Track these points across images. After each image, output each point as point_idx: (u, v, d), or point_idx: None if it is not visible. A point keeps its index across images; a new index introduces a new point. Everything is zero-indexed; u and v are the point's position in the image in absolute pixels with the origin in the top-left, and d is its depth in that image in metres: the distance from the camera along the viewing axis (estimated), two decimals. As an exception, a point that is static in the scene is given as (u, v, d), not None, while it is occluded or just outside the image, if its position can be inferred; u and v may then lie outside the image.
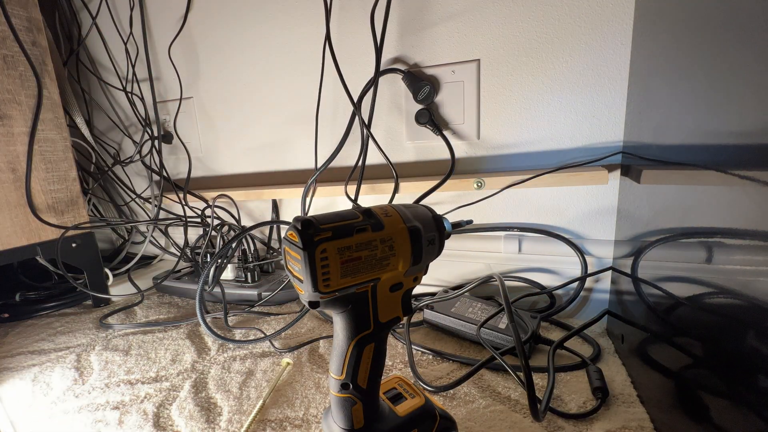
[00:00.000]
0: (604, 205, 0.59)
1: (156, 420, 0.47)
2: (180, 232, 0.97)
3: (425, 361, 0.54)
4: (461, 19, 0.60)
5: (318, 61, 0.70)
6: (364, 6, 0.65)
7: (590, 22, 0.54)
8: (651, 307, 0.41)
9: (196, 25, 0.81)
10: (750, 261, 0.24)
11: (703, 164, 0.29)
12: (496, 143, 0.63)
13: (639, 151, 0.47)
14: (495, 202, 0.65)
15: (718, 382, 0.28)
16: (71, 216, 0.79)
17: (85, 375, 0.58)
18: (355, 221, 0.29)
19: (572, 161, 0.59)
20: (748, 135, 0.24)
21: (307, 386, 0.51)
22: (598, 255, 0.60)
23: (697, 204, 0.31)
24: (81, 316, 0.79)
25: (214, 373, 0.56)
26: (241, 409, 0.47)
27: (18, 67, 0.69)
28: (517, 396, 0.46)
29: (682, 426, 0.33)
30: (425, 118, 0.63)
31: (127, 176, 1.00)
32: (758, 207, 0.22)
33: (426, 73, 0.64)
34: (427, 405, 0.37)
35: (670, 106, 0.36)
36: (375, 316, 0.32)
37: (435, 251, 0.33)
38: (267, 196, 0.78)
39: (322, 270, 0.28)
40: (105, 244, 1.13)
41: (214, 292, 0.75)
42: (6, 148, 0.68)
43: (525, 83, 0.59)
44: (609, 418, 0.41)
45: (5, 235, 0.69)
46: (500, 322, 0.55)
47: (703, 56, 0.30)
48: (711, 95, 0.29)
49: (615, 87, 0.54)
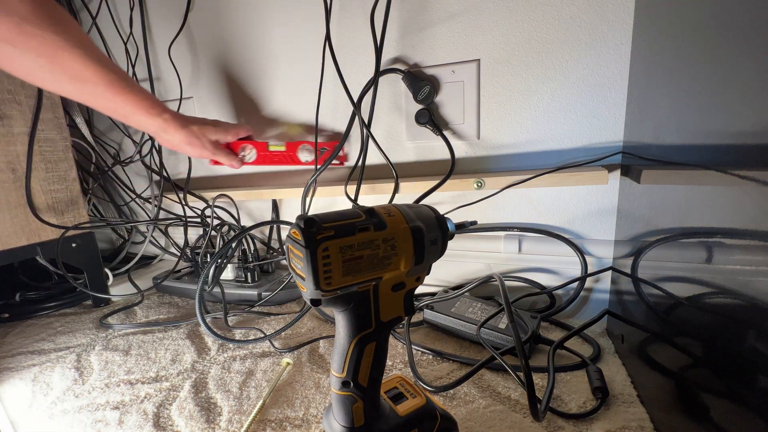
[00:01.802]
0: (604, 205, 0.59)
1: (156, 420, 0.47)
2: (180, 232, 0.97)
3: (425, 361, 0.54)
4: (461, 19, 0.61)
5: (318, 61, 0.70)
6: (364, 6, 0.65)
7: (590, 22, 0.54)
8: (651, 307, 0.41)
9: (196, 25, 0.81)
10: (750, 261, 0.24)
11: (703, 164, 0.29)
12: (496, 143, 0.63)
13: (639, 151, 0.47)
14: (495, 202, 0.65)
15: (718, 382, 0.28)
16: (71, 216, 0.79)
17: (85, 375, 0.58)
18: (357, 220, 0.30)
19: (572, 161, 0.59)
20: (748, 135, 0.24)
21: (307, 386, 0.51)
22: (598, 255, 0.60)
23: (697, 204, 0.31)
24: (81, 316, 0.79)
25: (214, 373, 0.56)
26: (241, 409, 0.48)
27: (18, 66, 0.69)
28: (517, 396, 0.46)
29: (682, 426, 0.33)
30: (425, 118, 0.63)
31: (127, 176, 1.00)
32: (758, 207, 0.23)
33: (426, 73, 0.65)
34: (428, 405, 0.37)
35: (670, 105, 0.37)
36: (376, 315, 0.32)
37: (438, 252, 0.33)
38: (267, 196, 0.78)
39: (324, 268, 0.28)
40: (105, 244, 1.13)
41: (214, 292, 0.75)
42: (6, 148, 0.68)
43: (525, 83, 0.59)
44: (609, 418, 0.41)
45: (5, 235, 0.69)
46: (500, 322, 0.55)
47: (703, 56, 0.30)
48: (711, 95, 0.29)
49: (615, 87, 0.55)
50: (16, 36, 0.45)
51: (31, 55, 0.47)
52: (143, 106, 0.57)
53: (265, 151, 0.73)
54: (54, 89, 0.52)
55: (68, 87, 0.51)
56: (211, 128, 0.65)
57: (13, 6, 0.44)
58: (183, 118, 0.62)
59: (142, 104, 0.56)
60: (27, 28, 0.45)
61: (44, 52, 0.47)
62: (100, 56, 0.52)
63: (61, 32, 0.47)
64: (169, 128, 0.60)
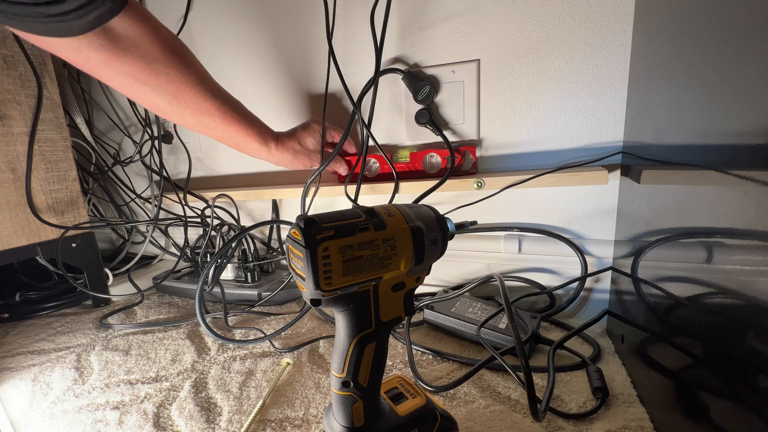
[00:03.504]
0: (604, 205, 0.59)
1: (156, 420, 0.47)
2: (180, 232, 0.97)
3: (425, 361, 0.54)
4: (461, 19, 0.61)
5: (317, 61, 0.70)
6: (364, 6, 0.65)
7: (590, 22, 0.54)
8: (651, 307, 0.41)
9: (196, 25, 0.81)
10: (750, 261, 0.24)
11: (703, 164, 0.29)
12: (496, 143, 0.63)
13: (639, 151, 0.47)
14: (495, 202, 0.65)
15: (718, 382, 0.28)
16: (71, 216, 0.79)
17: (85, 375, 0.58)
18: (357, 220, 0.30)
19: (572, 161, 0.59)
20: (748, 135, 0.24)
21: (307, 386, 0.51)
22: (598, 255, 0.60)
23: (697, 204, 0.31)
24: (81, 316, 0.79)
25: (214, 373, 0.56)
26: (241, 409, 0.47)
27: (18, 67, 0.69)
28: (517, 396, 0.46)
29: (682, 426, 0.33)
30: (425, 118, 0.63)
31: (127, 176, 1.00)
32: (758, 207, 0.23)
33: (426, 73, 0.65)
34: (428, 405, 0.37)
35: (670, 105, 0.36)
36: (376, 315, 0.32)
37: (438, 252, 0.33)
38: (267, 196, 0.78)
39: (324, 268, 0.28)
40: (105, 244, 1.13)
41: (214, 292, 0.75)
42: (6, 148, 0.68)
43: (525, 83, 0.59)
44: (609, 418, 0.41)
45: (5, 235, 0.69)
46: (500, 322, 0.55)
47: (703, 56, 0.30)
48: (711, 95, 0.29)
49: (615, 87, 0.55)
50: (147, 75, 0.49)
51: (161, 91, 0.51)
52: (253, 134, 0.60)
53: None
54: (178, 121, 0.57)
55: (190, 119, 0.56)
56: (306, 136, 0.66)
57: (144, 47, 0.48)
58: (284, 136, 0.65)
59: (251, 132, 0.60)
60: (156, 67, 0.49)
61: (170, 89, 0.51)
62: (217, 90, 0.56)
63: (184, 69, 0.51)
64: (276, 153, 0.64)
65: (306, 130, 0.66)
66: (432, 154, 0.66)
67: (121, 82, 0.50)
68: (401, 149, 0.70)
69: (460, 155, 0.64)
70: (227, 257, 0.77)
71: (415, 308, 0.36)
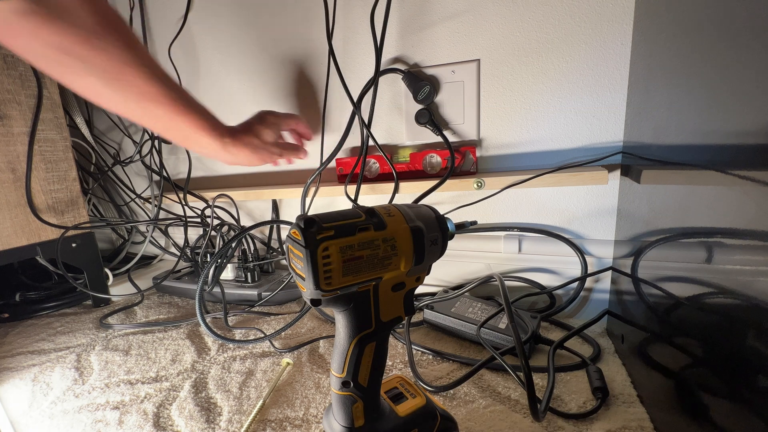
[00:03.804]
0: (604, 205, 0.59)
1: (156, 420, 0.47)
2: (180, 232, 0.97)
3: (425, 361, 0.54)
4: (461, 19, 0.61)
5: (317, 61, 0.70)
6: (364, 6, 0.65)
7: (590, 22, 0.54)
8: (651, 307, 0.41)
9: (196, 25, 0.81)
10: (750, 261, 0.24)
11: (703, 164, 0.29)
12: (496, 143, 0.63)
13: (639, 151, 0.47)
14: (495, 202, 0.65)
15: (718, 382, 0.28)
16: (71, 216, 0.79)
17: (85, 375, 0.58)
18: (357, 220, 0.30)
19: (572, 161, 0.59)
20: (748, 135, 0.24)
21: (307, 386, 0.51)
22: (598, 255, 0.60)
23: (697, 204, 0.31)
24: (81, 316, 0.79)
25: (214, 373, 0.56)
26: (241, 409, 0.47)
27: (18, 67, 0.69)
28: (517, 396, 0.46)
29: (682, 426, 0.33)
30: (425, 118, 0.63)
31: (127, 176, 1.00)
32: (758, 207, 0.23)
33: (426, 73, 0.65)
34: (428, 405, 0.37)
35: (670, 105, 0.36)
36: (377, 315, 0.32)
37: (438, 252, 0.33)
38: (267, 196, 0.78)
39: (324, 268, 0.28)
40: (105, 244, 1.13)
41: (214, 292, 0.75)
42: (6, 148, 0.68)
43: (525, 83, 0.59)
44: (609, 418, 0.41)
45: (5, 235, 0.69)
46: (500, 322, 0.55)
47: (703, 55, 0.30)
48: (711, 95, 0.29)
49: (615, 87, 0.55)
50: (82, 50, 0.42)
51: (97, 70, 0.44)
52: (204, 127, 0.54)
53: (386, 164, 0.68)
54: (119, 110, 0.49)
55: (134, 106, 0.48)
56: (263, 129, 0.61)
57: (81, 17, 0.41)
58: (239, 131, 0.58)
59: (203, 125, 0.53)
60: (94, 42, 0.42)
61: (109, 68, 0.44)
62: (163, 74, 0.49)
63: (126, 48, 0.45)
64: (233, 149, 0.57)
65: (263, 123, 0.61)
66: (432, 154, 0.66)
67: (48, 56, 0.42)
68: (401, 149, 0.70)
69: (460, 155, 0.64)
70: (227, 257, 0.77)
71: (415, 308, 0.36)
